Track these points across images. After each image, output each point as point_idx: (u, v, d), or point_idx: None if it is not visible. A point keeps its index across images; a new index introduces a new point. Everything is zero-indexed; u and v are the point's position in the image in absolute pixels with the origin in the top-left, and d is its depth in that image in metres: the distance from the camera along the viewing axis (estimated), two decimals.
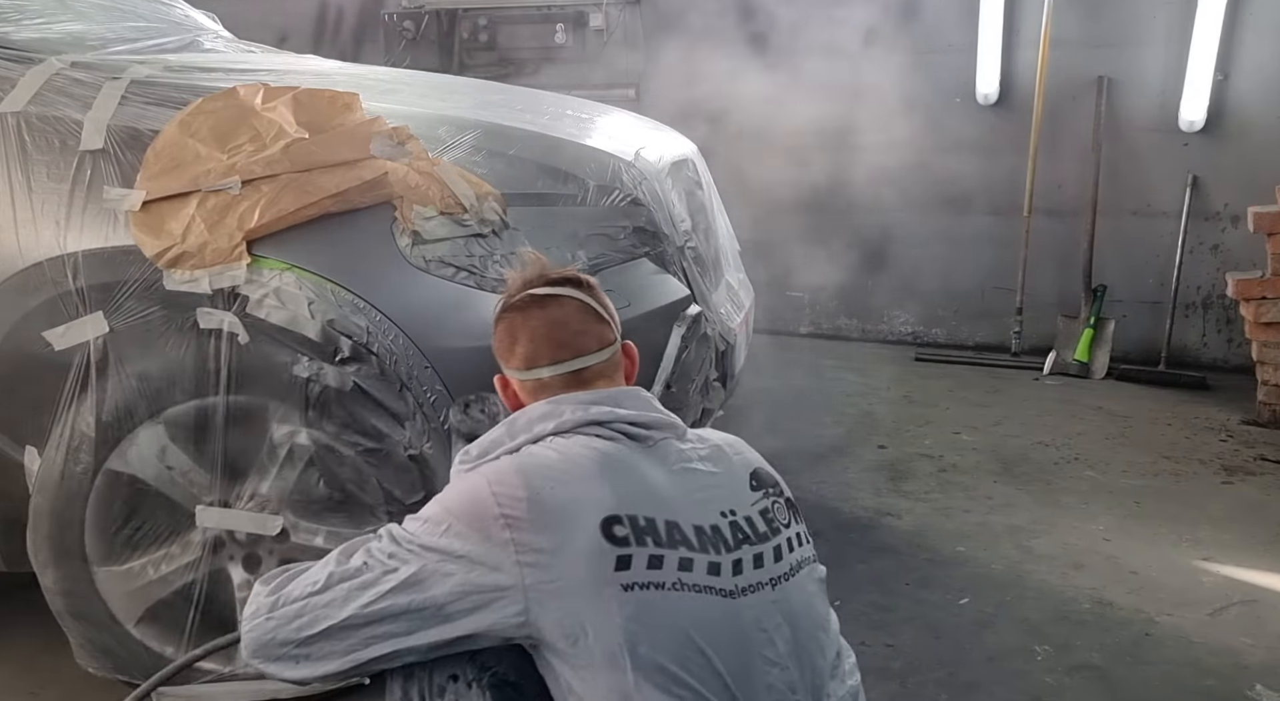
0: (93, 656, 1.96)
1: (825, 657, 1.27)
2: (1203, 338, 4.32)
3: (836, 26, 4.42)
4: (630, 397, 1.34)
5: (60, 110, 1.88)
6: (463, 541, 1.18)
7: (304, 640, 1.22)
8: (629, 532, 1.17)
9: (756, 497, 1.29)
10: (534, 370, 1.35)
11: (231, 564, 1.94)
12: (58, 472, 1.86)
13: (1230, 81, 4.05)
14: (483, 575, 1.17)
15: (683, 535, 1.19)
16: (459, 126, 2.04)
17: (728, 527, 1.23)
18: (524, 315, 1.37)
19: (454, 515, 1.20)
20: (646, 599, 1.15)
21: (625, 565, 1.15)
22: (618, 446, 1.26)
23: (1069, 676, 2.14)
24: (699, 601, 1.17)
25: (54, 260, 1.81)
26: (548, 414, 1.30)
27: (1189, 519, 2.88)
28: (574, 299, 1.38)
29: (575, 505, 1.18)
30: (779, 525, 1.28)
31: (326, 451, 1.86)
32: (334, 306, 1.77)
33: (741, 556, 1.22)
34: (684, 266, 2.24)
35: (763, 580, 1.23)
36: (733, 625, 1.19)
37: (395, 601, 1.18)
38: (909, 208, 4.53)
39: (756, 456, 1.38)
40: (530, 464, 1.23)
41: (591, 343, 1.36)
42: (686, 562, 1.18)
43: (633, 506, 1.19)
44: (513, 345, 1.37)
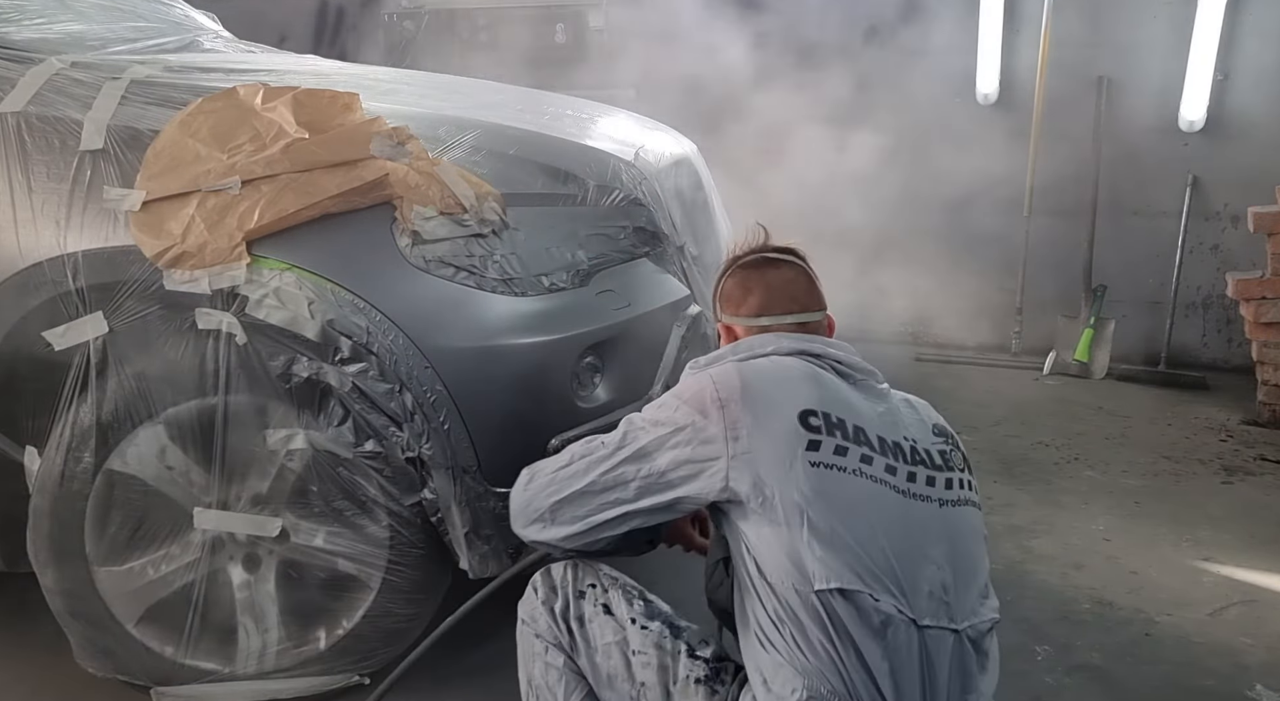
0: (93, 656, 1.96)
1: (977, 582, 1.41)
2: (1203, 338, 4.32)
3: (837, 26, 4.42)
4: (840, 346, 1.52)
5: (60, 110, 1.88)
6: (684, 416, 1.39)
7: (552, 506, 1.47)
8: (822, 423, 1.35)
9: (938, 441, 1.46)
10: (764, 318, 1.54)
11: (231, 564, 1.94)
12: (58, 472, 1.86)
13: (1230, 81, 4.05)
14: (697, 446, 1.37)
15: (868, 438, 1.37)
16: (459, 126, 2.04)
17: (908, 448, 1.40)
18: (759, 271, 1.58)
19: (680, 398, 1.42)
20: (829, 476, 1.33)
21: (815, 447, 1.34)
22: (825, 371, 1.44)
23: (1069, 676, 2.14)
24: (874, 488, 1.35)
25: (54, 260, 1.81)
26: (768, 341, 1.50)
27: (1189, 519, 2.88)
28: (799, 265, 1.60)
29: (780, 394, 1.38)
30: (954, 465, 1.44)
31: (326, 452, 1.86)
32: (334, 306, 1.77)
33: (916, 472, 1.39)
34: (684, 266, 2.24)
35: (932, 496, 1.39)
36: (902, 515, 1.35)
37: (626, 469, 1.41)
38: (908, 207, 4.52)
39: (940, 418, 1.53)
40: (747, 366, 1.44)
41: (814, 302, 1.58)
42: (868, 457, 1.35)
43: (828, 406, 1.37)
44: (746, 296, 1.57)
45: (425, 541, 1.88)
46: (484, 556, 1.84)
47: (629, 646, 1.46)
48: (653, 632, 1.47)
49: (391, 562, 1.89)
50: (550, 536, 1.49)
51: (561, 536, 1.48)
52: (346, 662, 1.96)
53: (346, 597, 1.93)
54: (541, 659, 1.52)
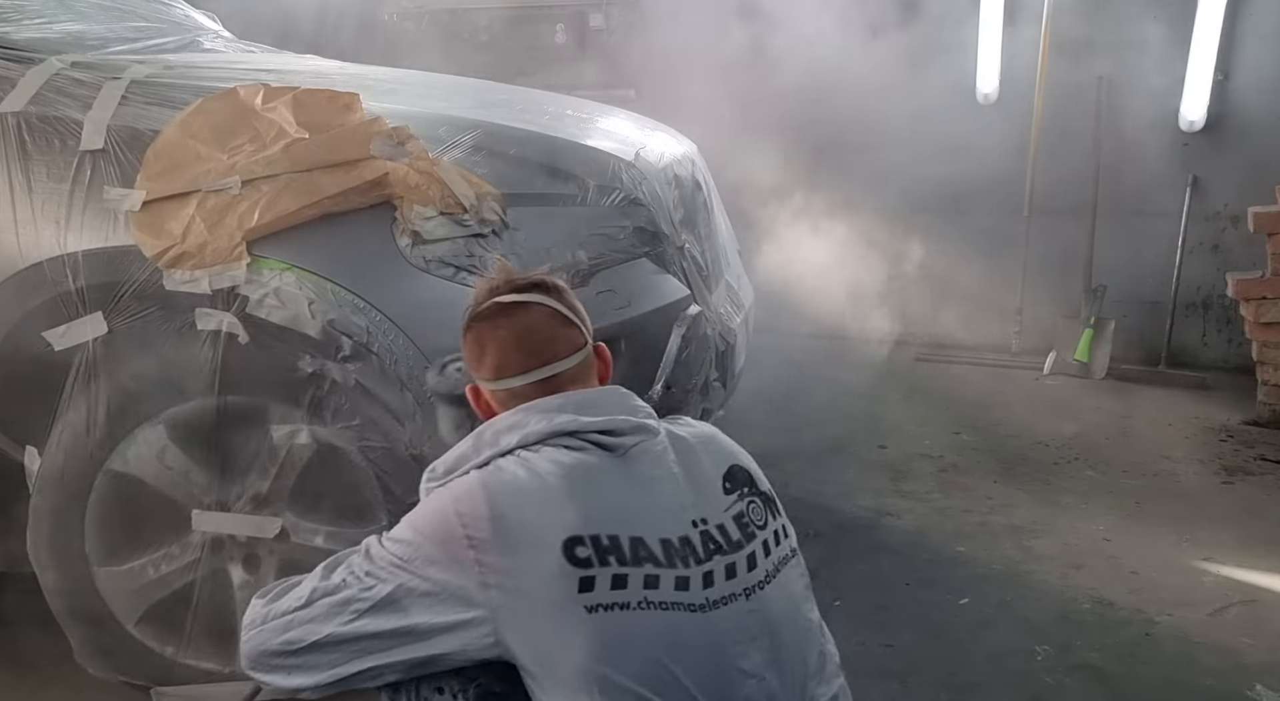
0: (93, 656, 1.96)
1: (809, 662, 1.25)
2: (1203, 338, 4.32)
3: (837, 25, 4.42)
4: (601, 400, 1.32)
5: (60, 110, 1.88)
6: (430, 564, 1.19)
7: (290, 652, 1.24)
8: (591, 553, 1.16)
9: (730, 502, 1.27)
10: (504, 380, 1.34)
11: (231, 564, 1.94)
12: (58, 472, 1.86)
13: (1230, 81, 4.05)
14: (451, 597, 1.17)
15: (648, 551, 1.18)
16: (459, 126, 2.04)
17: (699, 538, 1.21)
18: (491, 325, 1.35)
19: (422, 536, 1.21)
20: (610, 620, 1.14)
21: (589, 587, 1.14)
22: (586, 457, 1.24)
23: (1069, 676, 2.14)
24: (666, 619, 1.16)
25: (54, 260, 1.81)
26: (514, 425, 1.28)
27: (1189, 519, 2.87)
28: (542, 305, 1.35)
29: (538, 526, 1.17)
30: (754, 528, 1.26)
31: (327, 451, 1.86)
32: (334, 306, 1.77)
33: (713, 568, 1.20)
34: (684, 266, 2.24)
35: (736, 591, 1.21)
36: (705, 640, 1.17)
37: (371, 621, 1.20)
38: (908, 207, 4.52)
39: (731, 450, 1.36)
40: (494, 481, 1.22)
41: (562, 349, 1.35)
42: (652, 579, 1.16)
43: (596, 525, 1.17)
44: (482, 355, 1.36)
45: None
46: None
47: None
48: None
49: None
50: (296, 685, 1.25)
51: (310, 686, 1.25)
52: None
53: None
54: None
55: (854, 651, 2.22)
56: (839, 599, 2.44)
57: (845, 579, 2.52)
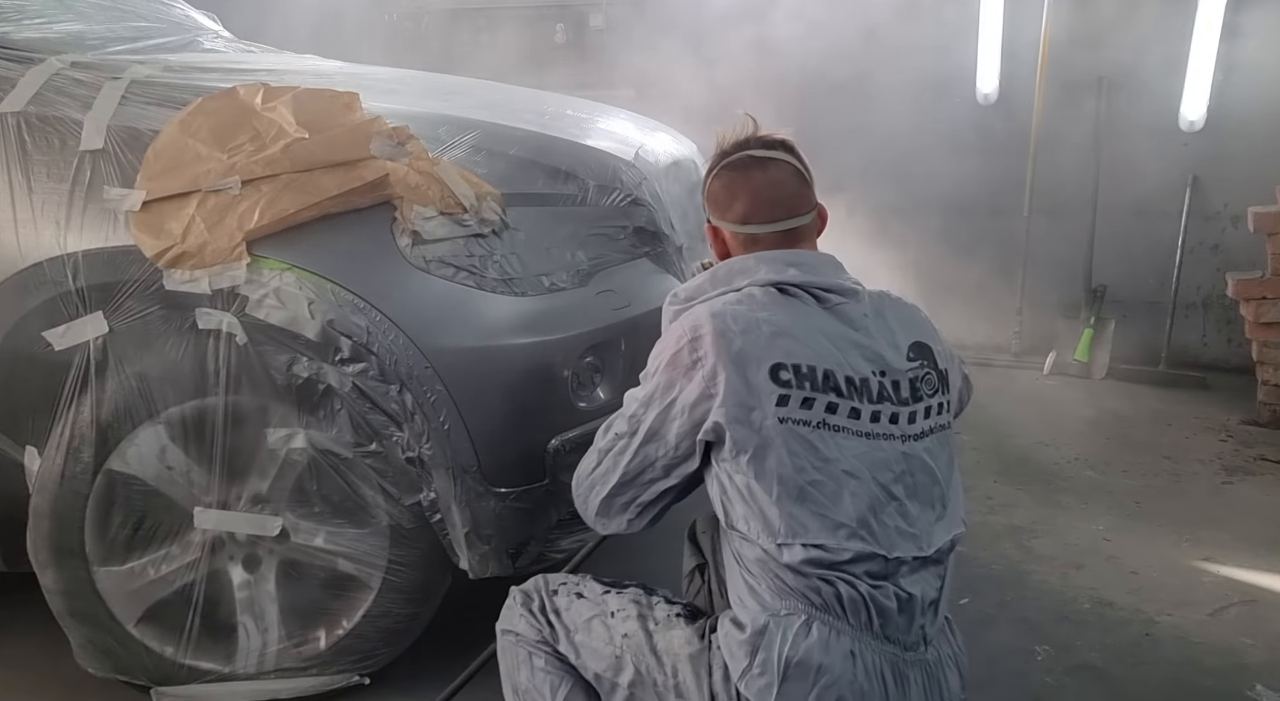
0: (93, 656, 1.97)
1: (934, 506, 1.44)
2: (1203, 338, 4.32)
3: (837, 25, 4.42)
4: (824, 264, 1.51)
5: (60, 110, 1.88)
6: (670, 386, 1.43)
7: (601, 504, 1.52)
8: (791, 377, 1.38)
9: (910, 367, 1.46)
10: (750, 226, 1.52)
11: (231, 564, 1.94)
12: (58, 472, 1.86)
13: (1230, 81, 4.04)
14: (690, 411, 1.41)
15: (835, 383, 1.39)
16: (459, 126, 2.04)
17: (875, 383, 1.42)
18: (744, 174, 1.53)
19: (659, 366, 1.46)
20: (795, 431, 1.36)
21: (784, 402, 1.37)
22: (801, 303, 1.45)
23: (1069, 676, 2.14)
24: (838, 439, 1.38)
25: (54, 260, 1.81)
26: (745, 270, 1.49)
27: (1189, 519, 2.87)
28: (788, 163, 1.53)
29: (753, 349, 1.38)
30: (922, 394, 1.45)
31: (326, 452, 1.86)
32: (334, 306, 1.77)
33: (881, 409, 1.41)
34: (684, 266, 2.24)
35: (895, 433, 1.41)
36: (865, 459, 1.38)
37: (646, 451, 1.46)
38: (908, 207, 4.53)
39: (921, 328, 1.52)
40: (720, 312, 1.42)
41: (802, 205, 1.53)
42: (834, 406, 1.38)
43: (796, 356, 1.39)
44: (731, 201, 1.53)
45: (425, 541, 1.88)
46: (484, 556, 1.84)
47: (607, 611, 1.52)
48: (628, 593, 1.54)
49: (391, 562, 1.90)
50: (617, 528, 1.55)
51: (625, 523, 1.53)
52: (347, 662, 1.96)
53: (347, 597, 1.94)
54: (526, 664, 1.54)
55: None
56: None
57: None
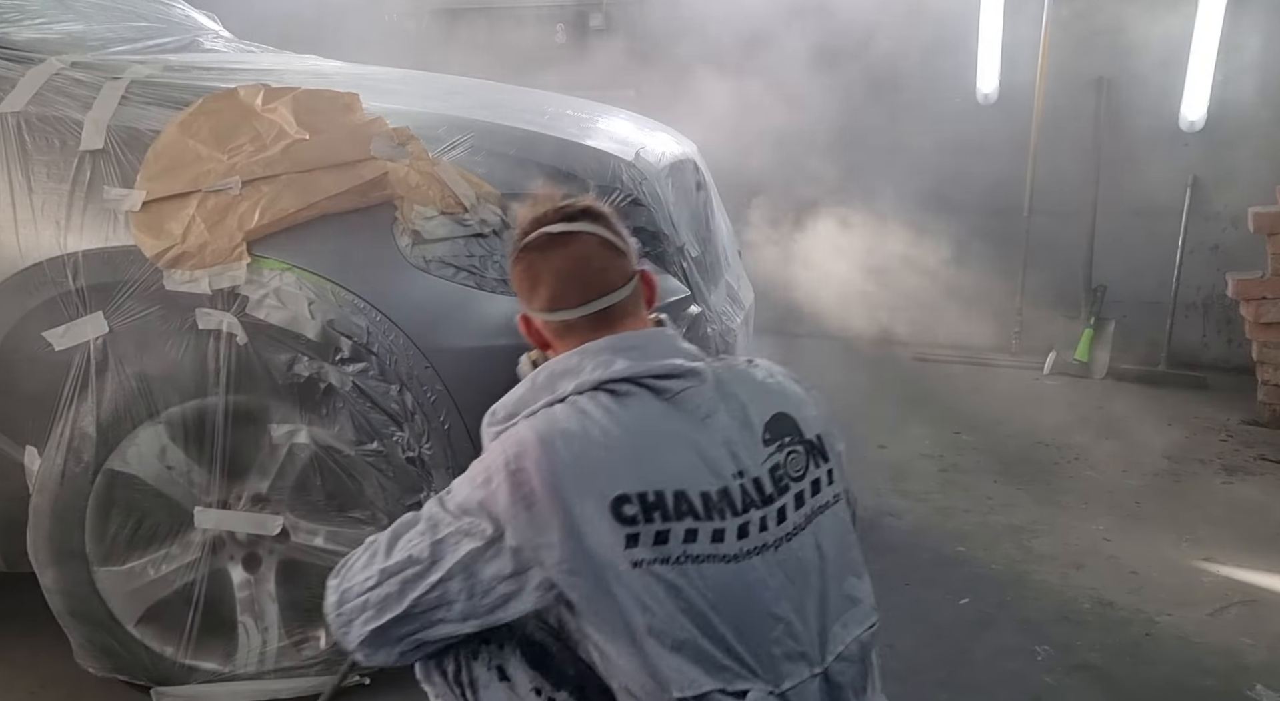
0: (93, 656, 1.96)
1: (830, 606, 1.29)
2: (1203, 338, 4.32)
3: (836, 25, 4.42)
4: (655, 343, 1.32)
5: (60, 110, 1.88)
6: (490, 526, 1.21)
7: (372, 633, 1.26)
8: (637, 511, 1.19)
9: (768, 453, 1.28)
10: (558, 312, 1.33)
11: (231, 564, 1.94)
12: (58, 472, 1.86)
13: (1230, 82, 4.04)
14: (512, 557, 1.20)
15: (689, 505, 1.21)
16: (459, 127, 2.04)
17: (738, 491, 1.24)
18: (544, 255, 1.34)
19: (479, 495, 1.23)
20: (652, 574, 1.18)
21: (634, 543, 1.18)
22: (638, 405, 1.25)
23: (1069, 676, 2.14)
24: (703, 570, 1.20)
25: (54, 260, 1.81)
26: (569, 371, 1.29)
27: (1189, 519, 2.87)
28: (593, 234, 1.35)
29: (588, 484, 1.19)
30: (788, 481, 1.28)
31: (326, 451, 1.86)
32: (334, 306, 1.77)
33: (748, 520, 1.23)
34: (684, 266, 2.24)
35: (767, 542, 1.24)
36: (738, 587, 1.22)
37: (445, 590, 1.23)
38: (908, 207, 4.52)
39: (781, 394, 1.35)
40: (548, 435, 1.22)
41: (615, 279, 1.34)
42: (691, 533, 1.20)
43: (643, 482, 1.20)
44: (535, 287, 1.35)
45: None
46: None
47: None
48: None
49: None
50: (381, 661, 1.30)
51: (394, 658, 1.29)
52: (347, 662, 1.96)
53: None
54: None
55: None
56: None
57: None
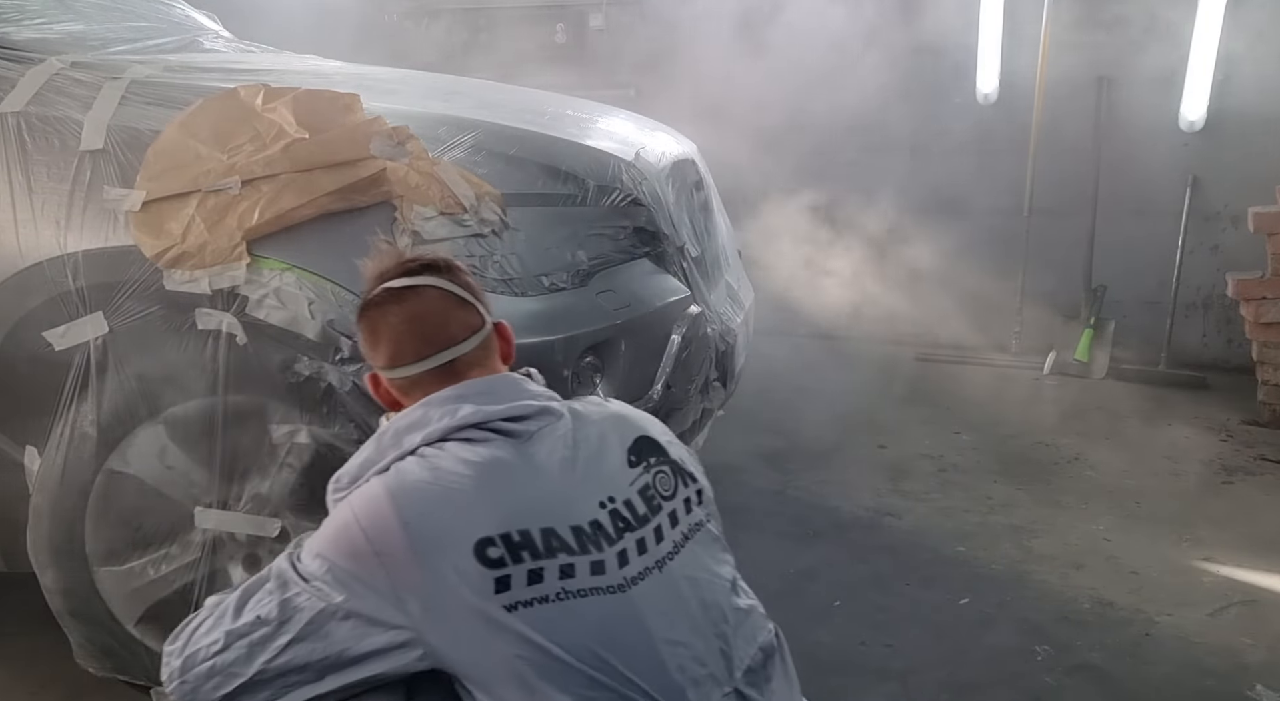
0: (93, 656, 1.96)
1: (728, 621, 1.24)
2: (1203, 338, 4.32)
3: (837, 25, 4.42)
4: (502, 387, 1.29)
5: (60, 110, 1.88)
6: (343, 587, 1.15)
7: (224, 697, 1.18)
8: (503, 552, 1.13)
9: (636, 475, 1.26)
10: (400, 369, 1.30)
11: (231, 564, 1.94)
12: (58, 472, 1.86)
13: (1231, 81, 4.05)
14: (370, 618, 1.14)
15: (561, 541, 1.16)
16: (459, 126, 2.04)
17: (608, 518, 1.20)
18: (382, 311, 1.31)
19: (330, 557, 1.17)
20: (532, 615, 1.13)
21: (505, 586, 1.12)
22: (491, 450, 1.21)
23: (1069, 676, 2.14)
24: (587, 605, 1.15)
25: (54, 260, 1.81)
26: (414, 424, 1.25)
27: (1189, 519, 2.87)
28: (434, 287, 1.31)
29: (447, 532, 1.14)
30: (660, 500, 1.26)
31: (327, 451, 1.86)
32: (334, 306, 1.77)
33: (625, 546, 1.19)
34: (684, 266, 2.24)
35: (649, 564, 1.20)
36: (628, 618, 1.17)
37: (297, 652, 1.16)
38: (908, 207, 4.53)
39: (638, 423, 1.34)
40: (398, 488, 1.18)
41: (458, 332, 1.31)
42: (568, 568, 1.15)
43: (506, 523, 1.15)
44: (376, 344, 1.32)
45: None
46: None
47: None
48: None
49: None
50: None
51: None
52: None
53: None
54: None
55: (854, 651, 2.22)
56: (839, 599, 2.44)
57: (846, 579, 2.52)
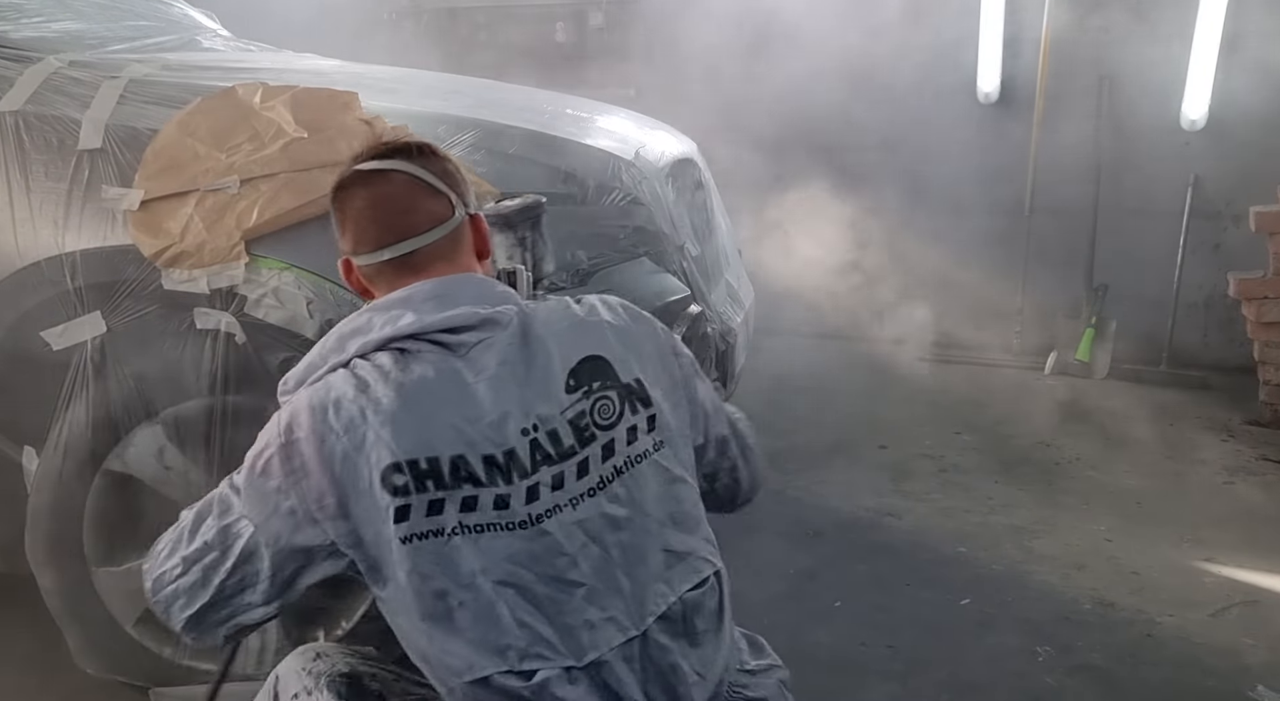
0: (91, 657, 1.96)
1: (645, 564, 1.19)
2: (1204, 337, 4.31)
3: (837, 24, 4.41)
4: (456, 290, 1.23)
5: (58, 109, 1.87)
6: (264, 501, 1.18)
7: (189, 619, 1.22)
8: (408, 480, 1.13)
9: (571, 401, 1.20)
10: (362, 256, 1.28)
11: None
12: (56, 473, 1.85)
13: (1231, 81, 4.04)
14: (291, 534, 1.17)
15: (469, 471, 1.14)
16: (458, 125, 2.03)
17: (526, 448, 1.16)
18: (349, 193, 1.29)
19: (256, 470, 1.19)
20: (426, 548, 1.12)
21: (404, 516, 1.12)
22: (421, 366, 1.18)
23: (1070, 677, 2.13)
24: (485, 542, 1.13)
25: (52, 259, 1.81)
26: (358, 330, 1.23)
27: (1190, 519, 2.87)
28: (402, 173, 1.27)
29: (357, 452, 1.14)
30: (594, 430, 1.20)
31: None
32: (332, 306, 1.76)
33: (539, 480, 1.16)
34: (684, 266, 2.23)
35: (562, 502, 1.16)
36: (525, 556, 1.14)
37: (245, 572, 1.19)
38: (909, 206, 4.52)
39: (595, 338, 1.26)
40: (319, 403, 1.17)
41: (420, 222, 1.26)
42: (470, 501, 1.13)
43: (416, 449, 1.13)
44: (342, 226, 1.30)
45: None
46: None
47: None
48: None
49: None
50: (210, 643, 1.27)
51: (220, 641, 1.25)
52: None
53: (345, 598, 1.93)
54: None
55: (855, 651, 2.22)
56: (839, 599, 2.43)
57: (846, 579, 2.52)
